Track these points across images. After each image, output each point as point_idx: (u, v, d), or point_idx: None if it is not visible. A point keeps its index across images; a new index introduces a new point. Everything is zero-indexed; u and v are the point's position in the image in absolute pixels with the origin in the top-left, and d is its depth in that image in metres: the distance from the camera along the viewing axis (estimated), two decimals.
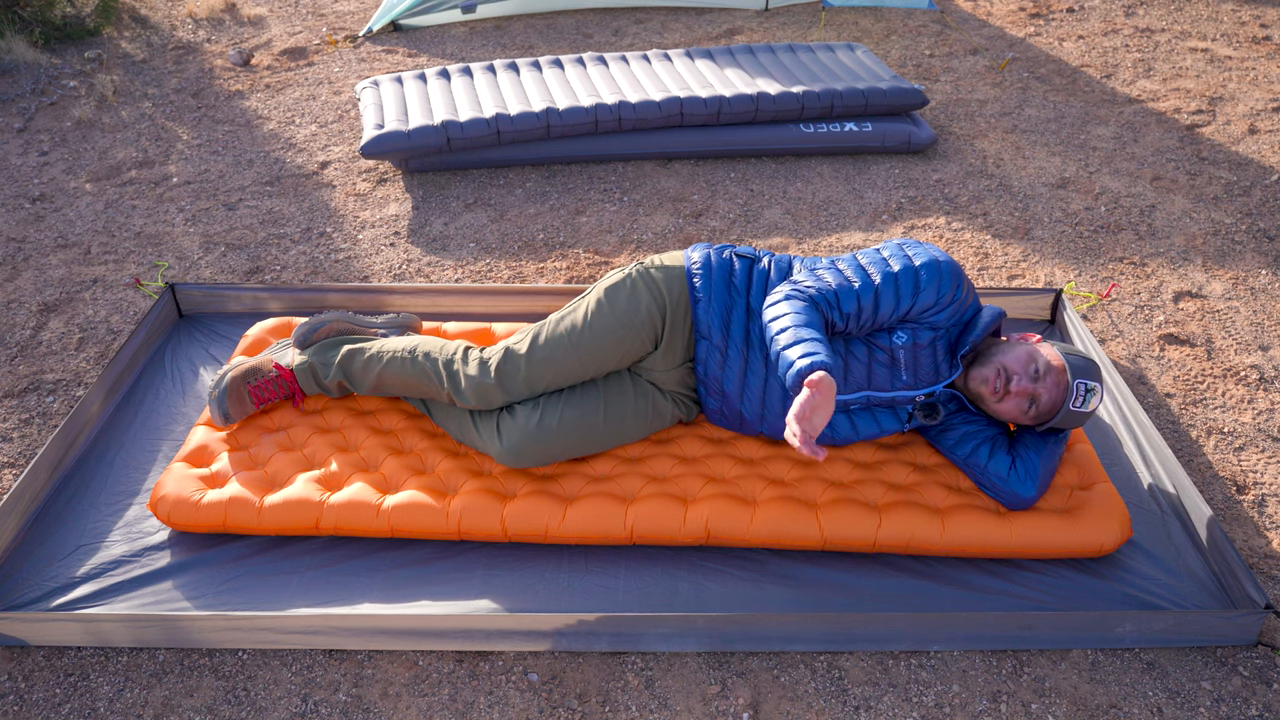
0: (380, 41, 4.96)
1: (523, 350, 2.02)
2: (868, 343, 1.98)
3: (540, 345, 2.01)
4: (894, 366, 1.97)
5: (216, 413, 2.11)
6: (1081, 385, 1.90)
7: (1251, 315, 2.77)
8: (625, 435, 2.07)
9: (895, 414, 2.04)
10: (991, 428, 2.04)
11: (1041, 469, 1.94)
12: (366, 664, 1.77)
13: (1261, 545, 2.03)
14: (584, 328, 2.01)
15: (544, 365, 2.00)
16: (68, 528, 2.01)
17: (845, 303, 1.92)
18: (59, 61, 4.64)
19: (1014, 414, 1.94)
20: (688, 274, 2.04)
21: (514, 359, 2.01)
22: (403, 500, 1.96)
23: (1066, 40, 4.91)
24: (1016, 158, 3.70)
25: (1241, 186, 3.47)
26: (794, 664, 1.78)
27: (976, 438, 2.02)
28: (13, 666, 1.77)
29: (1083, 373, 1.91)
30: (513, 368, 2.01)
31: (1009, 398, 1.92)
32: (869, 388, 1.98)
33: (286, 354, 2.27)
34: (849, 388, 1.98)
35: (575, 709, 1.70)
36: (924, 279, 1.92)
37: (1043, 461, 1.95)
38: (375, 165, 3.66)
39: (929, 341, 1.97)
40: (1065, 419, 1.91)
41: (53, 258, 3.08)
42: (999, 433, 2.03)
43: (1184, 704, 1.71)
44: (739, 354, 2.01)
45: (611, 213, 3.33)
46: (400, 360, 2.12)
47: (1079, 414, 1.91)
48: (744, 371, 2.01)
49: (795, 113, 3.61)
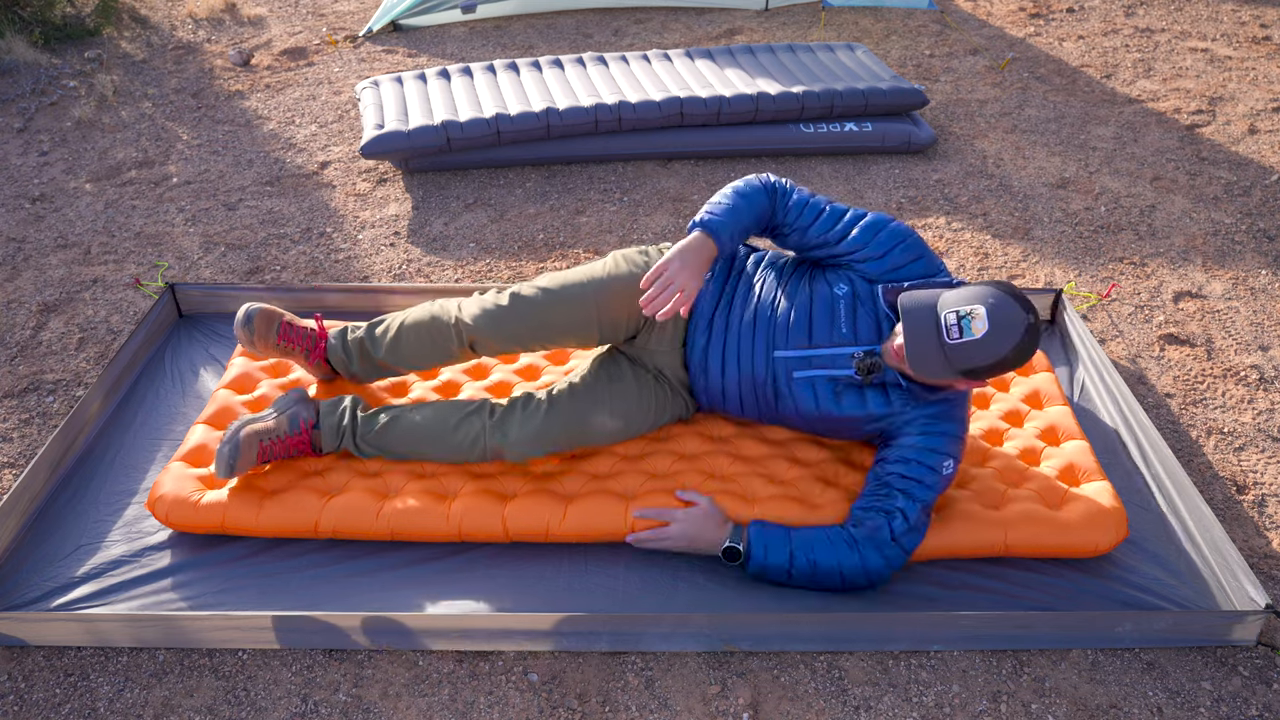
0: (380, 41, 4.96)
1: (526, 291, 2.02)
2: (810, 289, 1.95)
3: (543, 283, 2.04)
4: (833, 318, 1.91)
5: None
6: (952, 314, 1.67)
7: (1251, 315, 2.77)
8: (631, 419, 2.05)
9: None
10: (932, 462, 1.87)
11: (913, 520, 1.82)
12: (366, 664, 1.77)
13: (1261, 545, 2.03)
14: (591, 271, 2.05)
15: (547, 295, 2.01)
16: (68, 528, 2.01)
17: (799, 201, 1.96)
18: (59, 61, 4.64)
19: (904, 366, 1.79)
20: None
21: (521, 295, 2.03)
22: (402, 503, 1.95)
23: (1066, 40, 4.91)
24: (1016, 158, 3.70)
25: (1241, 186, 3.47)
26: (794, 664, 1.78)
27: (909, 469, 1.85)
28: (13, 666, 1.77)
29: (956, 301, 1.68)
30: (523, 300, 2.01)
31: (902, 361, 1.78)
32: (809, 344, 1.92)
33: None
34: (790, 344, 1.94)
35: (575, 709, 1.70)
36: (883, 233, 1.92)
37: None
38: (375, 165, 3.67)
39: (868, 295, 1.90)
40: (962, 357, 1.67)
41: (53, 258, 3.08)
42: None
43: (1184, 704, 1.71)
44: (723, 322, 2.02)
45: (611, 213, 3.33)
46: (412, 325, 2.10)
47: (969, 344, 1.65)
48: (724, 339, 2.01)
49: (795, 113, 3.61)
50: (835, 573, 1.81)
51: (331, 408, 2.08)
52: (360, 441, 2.06)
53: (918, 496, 1.83)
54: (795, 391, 1.95)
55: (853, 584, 1.83)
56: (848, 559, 1.80)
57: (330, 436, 2.05)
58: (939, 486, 1.85)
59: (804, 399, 1.95)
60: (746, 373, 2.00)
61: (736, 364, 2.00)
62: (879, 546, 1.80)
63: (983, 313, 1.65)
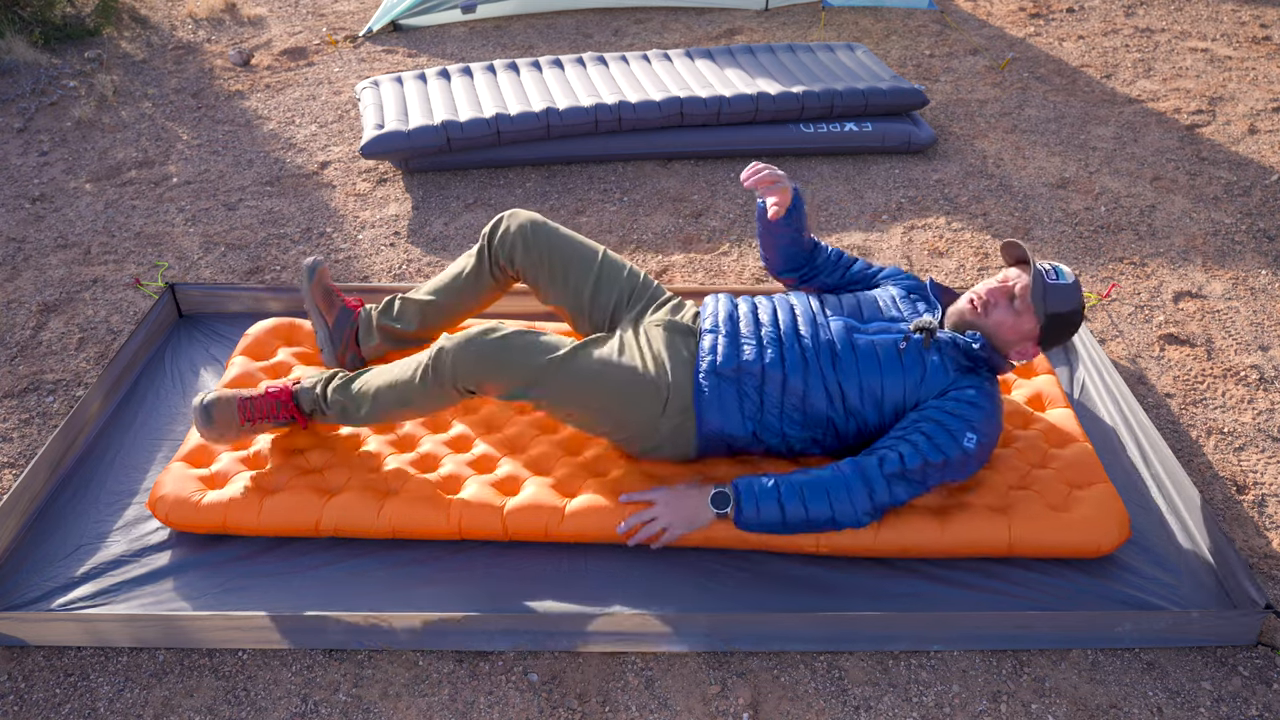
0: (380, 41, 4.96)
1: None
2: (855, 294, 2.13)
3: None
4: (880, 306, 2.08)
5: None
6: (1044, 264, 1.95)
7: (1251, 315, 2.77)
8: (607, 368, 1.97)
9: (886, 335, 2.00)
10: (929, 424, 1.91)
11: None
12: (366, 664, 1.77)
13: (1261, 545, 2.03)
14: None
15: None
16: (68, 528, 2.01)
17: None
18: (59, 61, 4.64)
19: (1008, 317, 1.94)
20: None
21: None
22: (403, 501, 1.95)
23: (1066, 40, 4.91)
24: (1016, 158, 3.70)
25: (1241, 186, 3.47)
26: (794, 664, 1.78)
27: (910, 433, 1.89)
28: (13, 666, 1.77)
29: (1041, 261, 1.98)
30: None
31: (990, 307, 1.96)
32: (862, 320, 2.04)
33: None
34: (844, 313, 2.05)
35: (575, 709, 1.70)
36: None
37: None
38: (375, 165, 3.67)
39: (919, 287, 2.15)
40: (1056, 298, 1.91)
41: (53, 258, 3.08)
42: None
43: (1184, 704, 1.71)
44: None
45: (611, 213, 3.33)
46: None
47: (1063, 287, 1.92)
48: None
49: (795, 113, 3.61)
50: (828, 518, 1.84)
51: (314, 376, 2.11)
52: (330, 390, 2.04)
53: (923, 450, 1.84)
54: (859, 351, 1.95)
55: (849, 527, 1.87)
56: (840, 506, 1.83)
57: (306, 397, 2.05)
58: (951, 454, 1.84)
59: (867, 358, 1.94)
60: (794, 335, 2.00)
61: (777, 326, 2.03)
62: (868, 483, 1.83)
63: (1067, 269, 1.97)
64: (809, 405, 1.94)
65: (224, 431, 1.99)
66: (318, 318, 2.23)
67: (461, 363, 1.88)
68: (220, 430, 1.99)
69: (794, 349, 1.96)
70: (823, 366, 1.95)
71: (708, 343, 1.99)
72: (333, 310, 2.25)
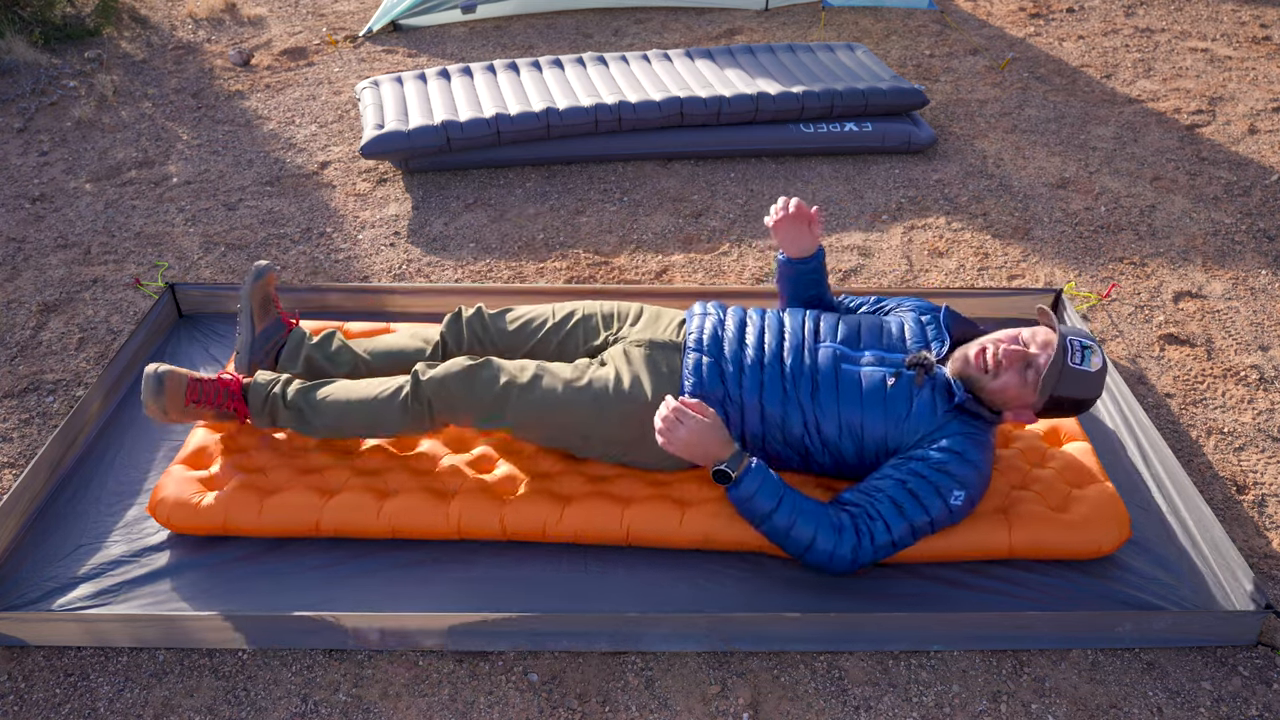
0: (380, 41, 4.96)
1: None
2: (858, 317, 2.05)
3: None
4: (883, 331, 2.00)
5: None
6: (1076, 341, 1.77)
7: (1251, 315, 2.77)
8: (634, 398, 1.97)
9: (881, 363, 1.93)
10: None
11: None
12: (366, 664, 1.77)
13: (1261, 545, 2.03)
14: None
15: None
16: (68, 528, 2.01)
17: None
18: (59, 61, 4.64)
19: (1014, 385, 1.82)
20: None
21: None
22: (402, 501, 1.96)
23: (1066, 40, 4.91)
24: (1016, 158, 3.70)
25: (1241, 186, 3.47)
26: (794, 664, 1.78)
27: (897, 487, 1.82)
28: (13, 666, 1.77)
29: (1075, 333, 1.80)
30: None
31: (1001, 369, 1.82)
32: (858, 345, 1.97)
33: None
34: (837, 340, 1.96)
35: (575, 709, 1.70)
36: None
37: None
38: (375, 165, 3.67)
39: (931, 311, 2.06)
40: (1070, 383, 1.76)
41: (53, 258, 3.08)
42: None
43: (1184, 704, 1.71)
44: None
45: (611, 213, 3.33)
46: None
47: (1083, 374, 1.76)
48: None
49: (795, 113, 3.61)
50: (805, 544, 1.79)
51: (268, 377, 2.10)
52: (292, 392, 2.04)
53: (909, 514, 1.78)
54: (841, 383, 1.88)
55: (812, 562, 1.81)
56: (823, 539, 1.78)
57: (259, 392, 2.05)
58: (937, 514, 1.79)
59: (849, 391, 1.88)
60: (776, 361, 1.93)
61: (762, 349, 1.96)
62: (853, 545, 1.79)
63: (1100, 351, 1.80)
64: (788, 432, 1.92)
65: (168, 406, 2.00)
66: (246, 320, 2.18)
67: (441, 391, 1.95)
68: (165, 404, 1.99)
69: (775, 377, 1.92)
70: (801, 397, 1.90)
71: (691, 362, 1.95)
72: (265, 318, 2.20)
